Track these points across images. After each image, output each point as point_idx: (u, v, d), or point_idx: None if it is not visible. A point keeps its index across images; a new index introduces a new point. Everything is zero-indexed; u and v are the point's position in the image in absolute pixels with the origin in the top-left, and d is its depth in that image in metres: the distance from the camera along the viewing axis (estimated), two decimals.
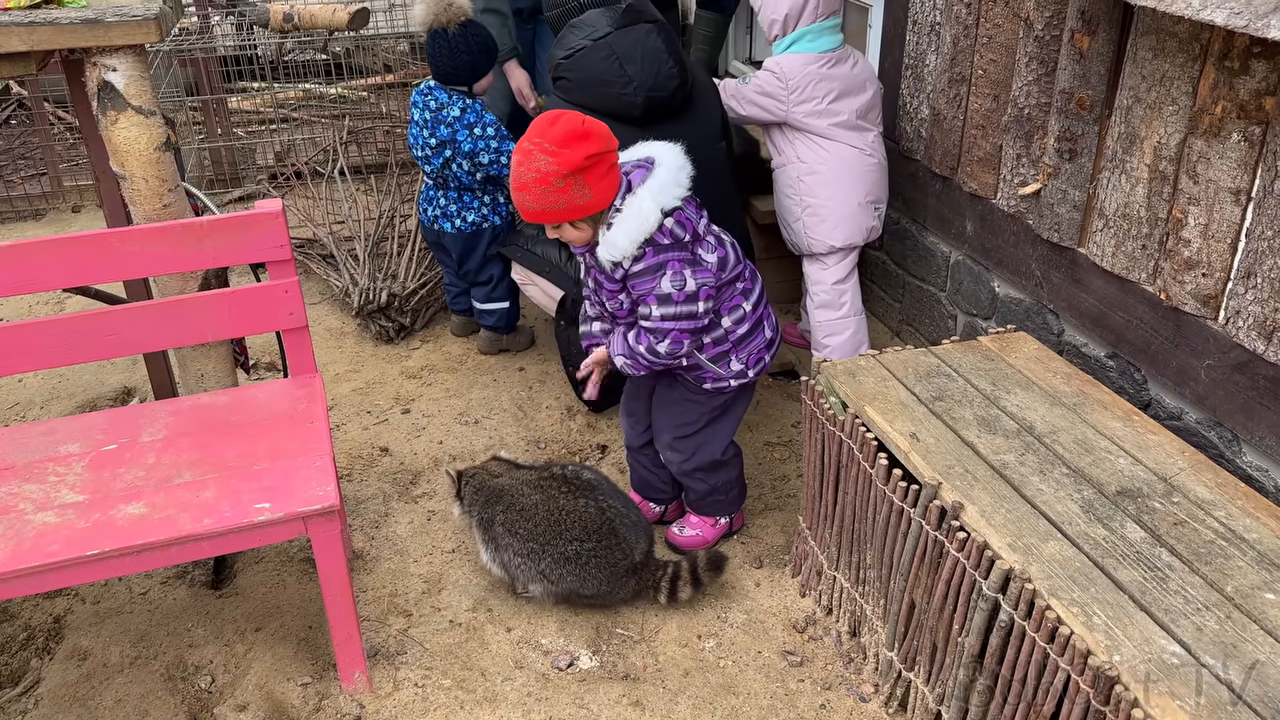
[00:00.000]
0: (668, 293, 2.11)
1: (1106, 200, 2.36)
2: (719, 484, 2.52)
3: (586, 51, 2.55)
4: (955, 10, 2.82)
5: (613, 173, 2.07)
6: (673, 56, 2.58)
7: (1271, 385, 2.01)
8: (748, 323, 2.29)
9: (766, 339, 2.35)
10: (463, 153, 3.13)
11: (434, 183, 3.31)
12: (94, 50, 2.09)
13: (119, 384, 3.41)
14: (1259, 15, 1.59)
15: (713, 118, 2.76)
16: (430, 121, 3.16)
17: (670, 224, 2.10)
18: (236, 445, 2.16)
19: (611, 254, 2.09)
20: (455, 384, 3.39)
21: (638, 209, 2.06)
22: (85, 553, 1.86)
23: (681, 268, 2.11)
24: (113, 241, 2.13)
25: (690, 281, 2.12)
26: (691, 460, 2.45)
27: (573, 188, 2.01)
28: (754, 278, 2.33)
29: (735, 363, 2.30)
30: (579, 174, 2.00)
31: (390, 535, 2.70)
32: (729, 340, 2.28)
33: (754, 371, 2.34)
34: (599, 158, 2.02)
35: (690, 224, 2.14)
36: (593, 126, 2.02)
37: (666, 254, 2.10)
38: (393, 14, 5.24)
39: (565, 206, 2.04)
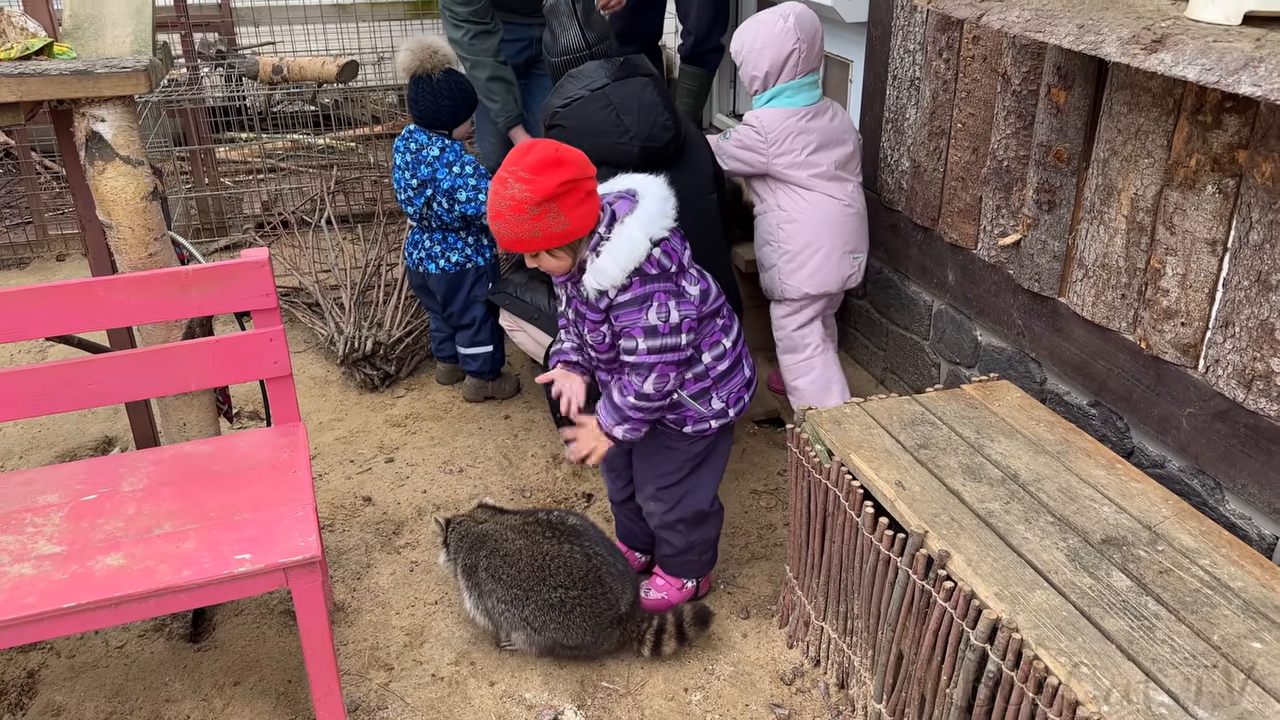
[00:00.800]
0: (653, 325, 2.10)
1: (1085, 250, 2.39)
2: (697, 541, 2.48)
3: (584, 101, 2.59)
4: (934, 66, 2.88)
5: (590, 200, 2.06)
6: (668, 109, 2.63)
7: (1252, 433, 2.03)
8: (728, 359, 2.29)
9: (746, 378, 2.35)
10: (442, 190, 3.17)
11: (418, 225, 3.35)
12: (83, 101, 2.10)
13: (100, 433, 3.38)
14: (1229, 71, 1.63)
15: (704, 168, 2.80)
16: (411, 163, 3.20)
17: (658, 254, 2.10)
18: (218, 495, 2.14)
19: (600, 282, 2.08)
20: (440, 432, 3.38)
21: (628, 238, 2.06)
22: (62, 605, 1.83)
23: (666, 299, 2.11)
24: (97, 290, 2.12)
25: (674, 313, 2.11)
26: (675, 510, 2.42)
27: (547, 215, 2.00)
28: (732, 315, 2.34)
29: (716, 401, 2.29)
30: (553, 201, 1.99)
31: (372, 586, 2.67)
32: (709, 376, 2.27)
33: (734, 411, 2.32)
34: (573, 184, 2.00)
35: (676, 255, 2.15)
36: (567, 154, 2.02)
37: (653, 284, 2.10)
38: (381, 66, 5.31)
39: (540, 234, 2.03)
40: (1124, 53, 1.81)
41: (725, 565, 2.73)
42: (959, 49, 2.77)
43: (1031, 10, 2.06)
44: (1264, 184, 1.90)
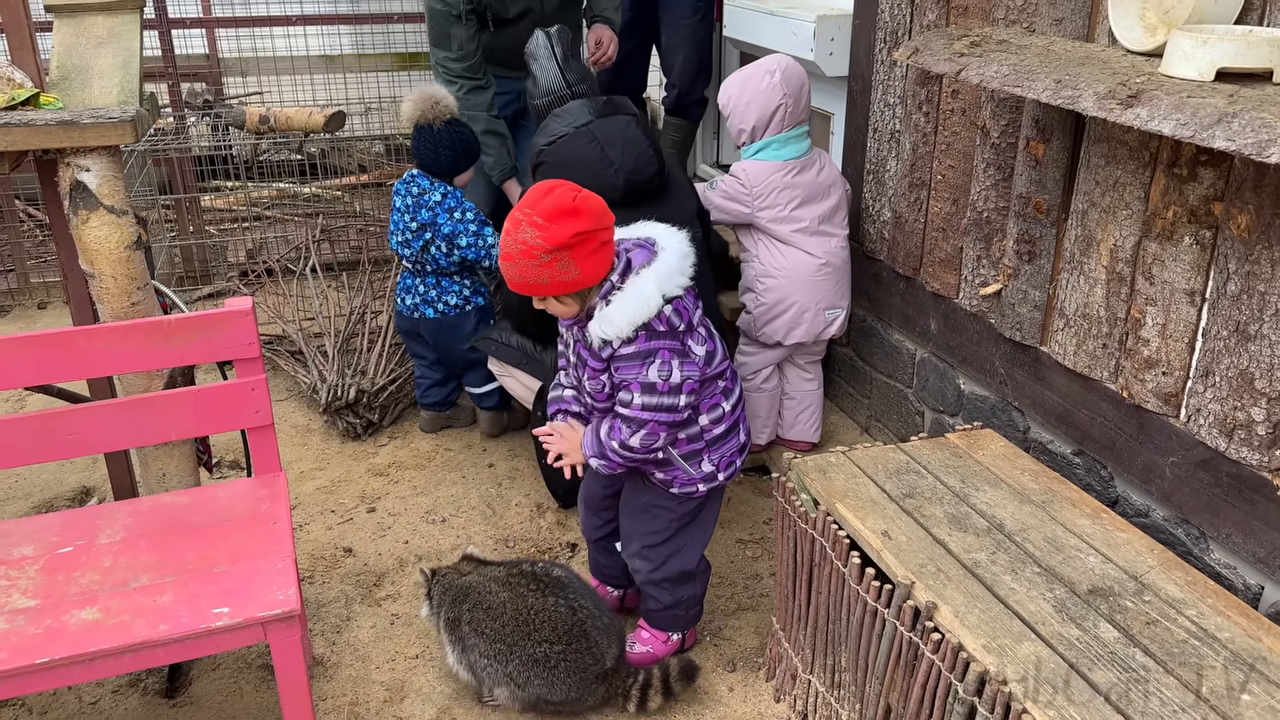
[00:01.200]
0: (653, 382, 2.07)
1: (1066, 300, 2.41)
2: (683, 598, 2.45)
3: (569, 138, 2.62)
4: (914, 119, 2.93)
5: (603, 251, 2.02)
6: (651, 144, 2.66)
7: (1235, 482, 2.04)
8: (725, 423, 2.27)
9: (740, 443, 2.33)
10: (442, 235, 3.21)
11: (413, 270, 3.36)
12: (68, 151, 2.10)
13: (77, 483, 3.34)
14: (1204, 126, 1.66)
15: (688, 206, 2.81)
16: (412, 206, 3.24)
17: (669, 311, 2.07)
18: (196, 547, 2.11)
19: (606, 332, 2.05)
20: (423, 481, 3.35)
21: (640, 290, 2.03)
22: (34, 661, 1.79)
23: (670, 357, 2.08)
24: (78, 339, 2.11)
25: (676, 373, 2.08)
26: (661, 570, 2.38)
27: (557, 263, 1.96)
28: (734, 378, 2.32)
29: (707, 463, 2.27)
30: (564, 250, 1.95)
31: (352, 640, 2.63)
32: (704, 439, 2.25)
33: (724, 475, 2.30)
34: (587, 235, 1.97)
35: (687, 313, 2.13)
36: (584, 203, 1.98)
37: (658, 341, 2.07)
38: (368, 117, 5.34)
39: (549, 281, 1.99)
40: (1101, 107, 1.84)
41: (711, 616, 2.70)
42: (938, 102, 2.82)
43: (1009, 66, 2.10)
44: (1240, 235, 1.92)
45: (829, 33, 3.38)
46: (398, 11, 5.37)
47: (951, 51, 2.30)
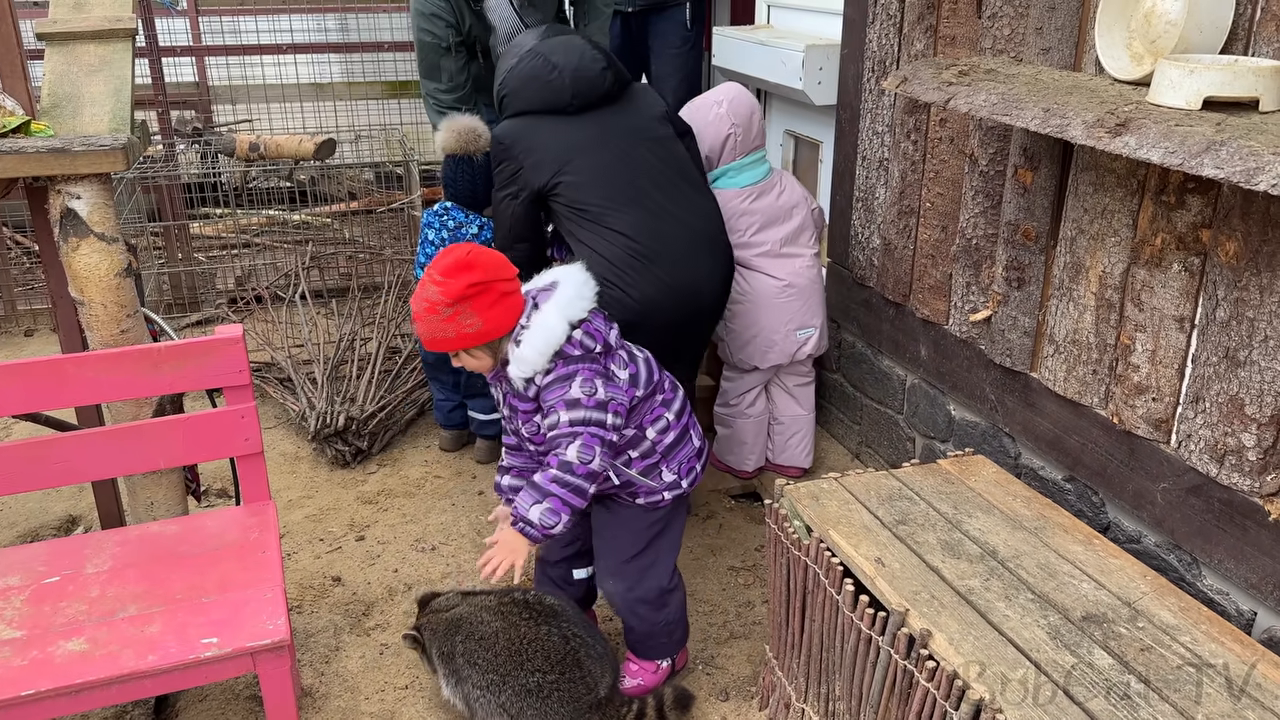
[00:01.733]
0: (577, 397, 2.07)
1: (1056, 326, 2.42)
2: (663, 622, 2.42)
3: (519, 63, 2.69)
4: (903, 147, 2.95)
5: (506, 301, 2.08)
6: (597, 48, 2.71)
7: (1226, 508, 2.04)
8: (673, 430, 2.28)
9: (695, 447, 2.34)
10: None
11: None
12: (59, 178, 2.10)
13: (64, 512, 3.30)
14: (1193, 154, 1.68)
15: (649, 111, 2.78)
16: (449, 240, 3.25)
17: (579, 335, 2.11)
18: (185, 576, 2.09)
19: (522, 370, 2.09)
20: (412, 509, 3.33)
21: (543, 322, 2.08)
22: (20, 693, 1.77)
23: (593, 376, 2.10)
24: (67, 367, 2.10)
25: (601, 390, 2.10)
26: (636, 589, 2.36)
27: (460, 316, 2.04)
28: (675, 388, 2.33)
29: (667, 473, 2.28)
30: (463, 302, 2.03)
31: (341, 670, 2.60)
32: (657, 451, 2.26)
33: (686, 482, 2.31)
34: (484, 286, 2.04)
35: (600, 335, 2.15)
36: (478, 257, 2.06)
37: (576, 364, 2.10)
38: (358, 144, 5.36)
39: (456, 335, 2.07)
40: (1089, 136, 1.86)
41: (703, 645, 2.69)
42: (927, 131, 2.84)
43: (998, 95, 2.12)
44: (1228, 262, 1.94)
45: (817, 62, 3.41)
46: (387, 40, 5.40)
47: (940, 81, 2.32)
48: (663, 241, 2.62)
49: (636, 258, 2.57)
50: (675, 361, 2.64)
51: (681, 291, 2.63)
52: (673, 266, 2.61)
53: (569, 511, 2.07)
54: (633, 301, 2.56)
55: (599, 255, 2.56)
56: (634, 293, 2.56)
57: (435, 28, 3.39)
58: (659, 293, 2.59)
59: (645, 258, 2.58)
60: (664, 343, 2.55)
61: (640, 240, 2.58)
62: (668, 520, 2.36)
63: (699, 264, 2.69)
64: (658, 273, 2.59)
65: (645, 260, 2.58)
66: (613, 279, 2.54)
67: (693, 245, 2.67)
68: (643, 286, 2.57)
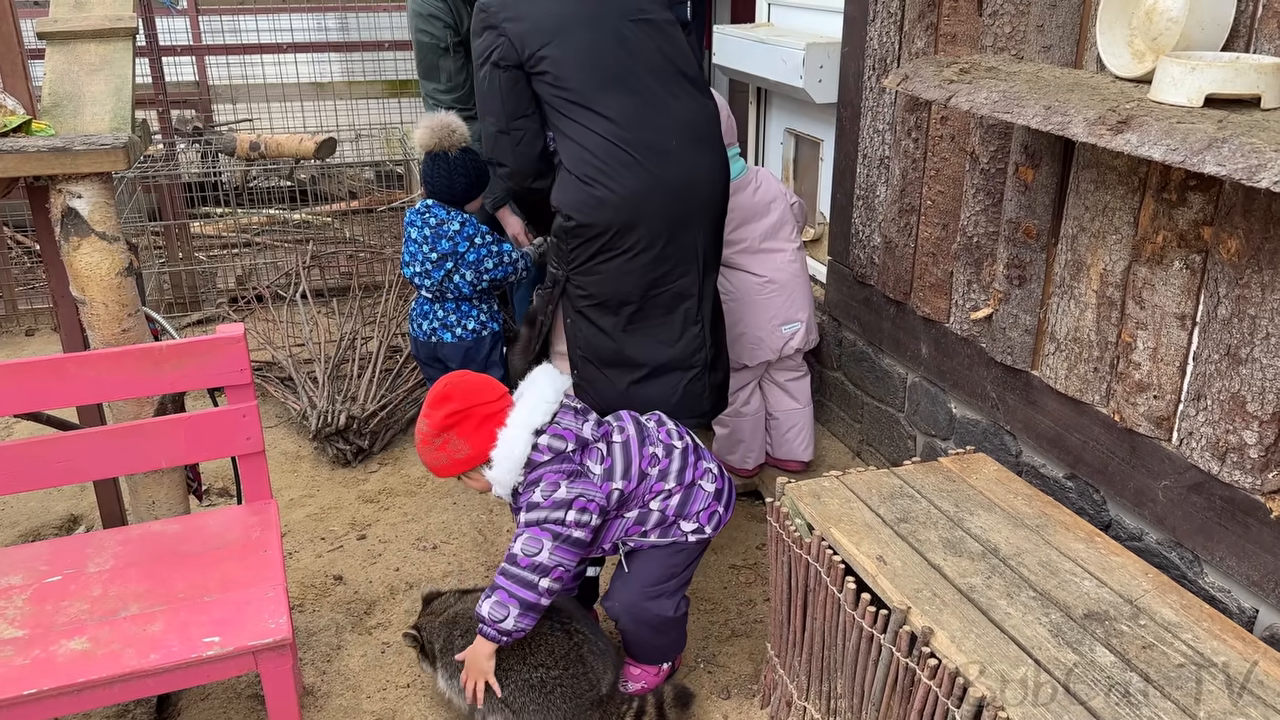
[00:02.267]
0: (536, 501, 2.13)
1: (1057, 324, 2.42)
2: (663, 643, 2.42)
3: None
4: (903, 145, 2.95)
5: (489, 423, 2.15)
6: None
7: (1227, 506, 2.04)
8: (677, 494, 2.27)
9: (709, 493, 2.31)
10: (467, 263, 3.22)
11: (431, 297, 3.34)
12: (60, 177, 2.10)
13: (65, 511, 3.31)
14: (1194, 151, 1.68)
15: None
16: (430, 237, 3.23)
17: (545, 440, 2.16)
18: (187, 575, 2.09)
19: (501, 491, 2.18)
20: (413, 508, 3.33)
21: (506, 439, 2.14)
22: (22, 693, 1.77)
23: (557, 479, 2.14)
24: (68, 366, 2.10)
25: (563, 490, 2.13)
26: (642, 615, 2.33)
27: (448, 444, 2.15)
28: (669, 454, 2.29)
29: (686, 524, 2.28)
30: (447, 431, 2.14)
31: (343, 669, 2.60)
32: (669, 518, 2.27)
33: (710, 528, 2.30)
34: (463, 414, 2.14)
35: (570, 433, 2.19)
36: (455, 388, 2.16)
37: (544, 469, 2.15)
38: (358, 143, 5.36)
39: (448, 461, 2.18)
40: (1091, 133, 1.86)
41: (705, 643, 2.69)
42: (927, 129, 2.84)
43: (999, 92, 2.12)
44: (1229, 259, 1.94)
45: (818, 60, 3.41)
46: (388, 39, 5.40)
47: (941, 79, 2.32)
48: (655, 132, 2.47)
49: (623, 148, 2.43)
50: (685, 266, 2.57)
51: (675, 189, 2.49)
52: (663, 160, 2.47)
53: (518, 605, 2.11)
54: (618, 199, 2.44)
55: (581, 148, 2.44)
56: (619, 189, 2.43)
57: (433, 28, 3.39)
58: (649, 188, 2.45)
59: (633, 148, 2.44)
60: (663, 246, 2.50)
61: (629, 129, 2.44)
62: (687, 562, 2.35)
63: (696, 161, 2.54)
64: (648, 166, 2.45)
65: (633, 151, 2.44)
66: (595, 176, 2.43)
67: (689, 140, 2.52)
68: (628, 182, 2.43)
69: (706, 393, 2.70)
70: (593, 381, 2.66)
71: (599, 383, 2.64)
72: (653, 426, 2.33)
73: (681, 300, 2.60)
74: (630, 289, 2.55)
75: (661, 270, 2.55)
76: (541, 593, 2.12)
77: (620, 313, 2.57)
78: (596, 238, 2.49)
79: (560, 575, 2.14)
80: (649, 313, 2.59)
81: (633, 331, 2.59)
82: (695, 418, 2.70)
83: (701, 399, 2.69)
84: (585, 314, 2.60)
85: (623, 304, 2.57)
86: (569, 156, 2.43)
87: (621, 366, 2.62)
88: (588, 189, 2.43)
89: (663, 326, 2.61)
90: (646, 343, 2.61)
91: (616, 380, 2.63)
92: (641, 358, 2.60)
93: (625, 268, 2.52)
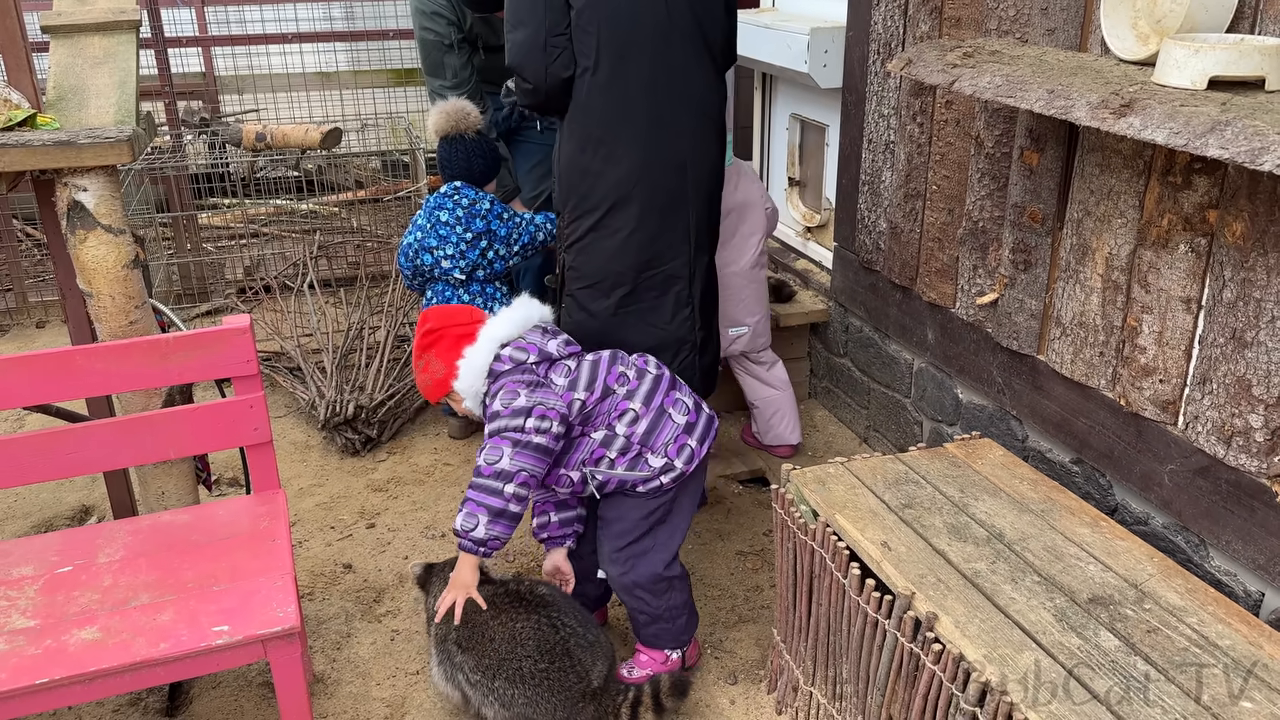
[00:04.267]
0: (496, 410, 2.17)
1: (1063, 309, 2.42)
2: (664, 609, 2.39)
3: None
4: (909, 130, 2.94)
5: (461, 343, 2.25)
6: None
7: (1234, 489, 2.04)
8: (645, 418, 2.26)
9: (679, 424, 2.29)
10: (499, 238, 3.28)
11: (463, 278, 3.30)
12: (65, 171, 2.11)
13: (76, 502, 3.33)
14: (1197, 134, 1.67)
15: None
16: (465, 218, 3.24)
17: (507, 351, 2.22)
18: (196, 565, 2.11)
19: (469, 398, 2.24)
20: (422, 496, 3.35)
21: (470, 350, 2.23)
22: (34, 682, 1.78)
23: (515, 386, 2.18)
24: (77, 359, 2.11)
25: (522, 398, 2.16)
26: (631, 573, 2.34)
27: (429, 365, 2.27)
28: (641, 375, 2.31)
29: (654, 459, 2.26)
30: (427, 352, 2.27)
31: (352, 657, 2.62)
32: (634, 444, 2.26)
33: (681, 462, 2.27)
34: (438, 333, 2.27)
35: (533, 347, 2.24)
36: (432, 312, 2.32)
37: (505, 378, 2.20)
38: (364, 133, 5.36)
39: (432, 382, 2.29)
40: (1094, 117, 1.85)
41: (712, 629, 2.70)
42: (932, 113, 2.83)
43: (1002, 76, 2.11)
44: (1235, 243, 1.93)
45: (823, 45, 3.40)
46: (393, 28, 5.39)
47: (945, 63, 2.31)
48: (667, 105, 2.49)
49: (628, 118, 2.46)
50: (678, 247, 2.59)
51: (675, 165, 2.52)
52: (666, 134, 2.49)
53: (485, 512, 2.13)
54: (620, 171, 2.47)
55: (586, 110, 2.46)
56: (620, 159, 2.46)
57: (437, 26, 3.40)
58: (647, 161, 2.48)
59: (639, 119, 2.46)
60: (658, 224, 2.53)
61: (644, 95, 2.45)
62: (670, 507, 2.34)
63: (699, 138, 2.57)
64: (651, 139, 2.48)
65: (638, 122, 2.46)
66: (598, 141, 2.46)
67: (698, 116, 2.55)
68: (630, 153, 2.47)
69: (696, 375, 2.72)
70: None
71: None
72: (633, 358, 2.36)
73: (674, 282, 2.62)
74: (623, 269, 2.57)
75: (655, 250, 2.57)
76: (508, 499, 2.12)
77: (612, 295, 2.60)
78: (592, 211, 2.54)
79: (525, 480, 2.13)
80: (641, 295, 2.61)
81: (623, 315, 2.62)
82: None
83: (691, 381, 2.69)
84: (576, 298, 2.64)
85: (615, 286, 2.59)
86: (575, 116, 2.43)
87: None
88: (583, 157, 2.45)
89: (654, 309, 2.64)
90: (637, 325, 2.63)
91: None
92: (631, 340, 2.61)
93: (621, 245, 2.55)
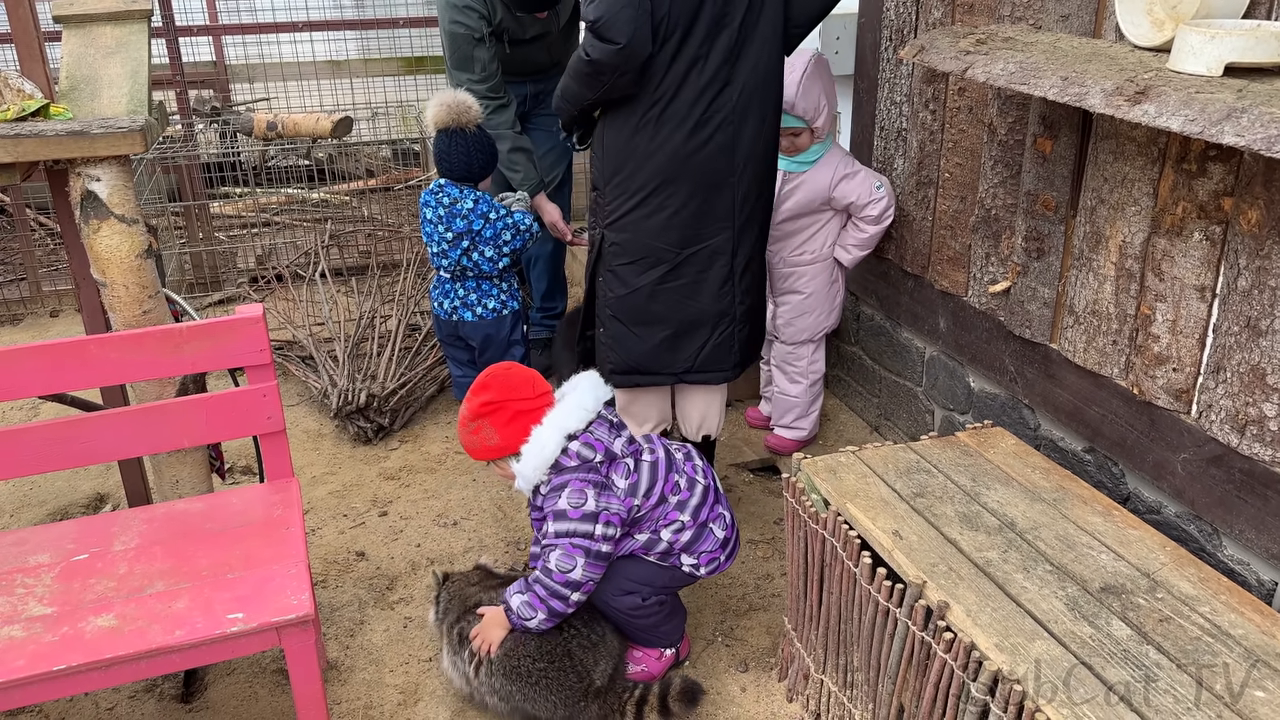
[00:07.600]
0: (563, 509, 2.16)
1: (1076, 297, 2.41)
2: (645, 626, 2.39)
3: None
4: (921, 117, 2.92)
5: (521, 419, 2.19)
6: None
7: (1247, 478, 2.03)
8: (689, 529, 2.29)
9: (718, 539, 2.33)
10: (484, 239, 3.26)
11: (451, 275, 3.36)
12: (78, 160, 2.12)
13: (91, 490, 3.36)
14: (1213, 122, 1.65)
15: None
16: (445, 217, 3.26)
17: (575, 447, 2.18)
18: (210, 553, 2.12)
19: (522, 484, 2.22)
20: (434, 485, 3.36)
21: (539, 438, 2.18)
22: (52, 668, 1.80)
23: (583, 486, 2.17)
24: (91, 348, 2.12)
25: (591, 501, 2.16)
26: (612, 603, 2.33)
27: (480, 431, 2.22)
28: (691, 487, 2.31)
29: (686, 559, 2.31)
30: (480, 420, 2.21)
31: (365, 644, 2.64)
32: (675, 550, 2.29)
33: (705, 570, 2.33)
34: (496, 406, 2.20)
35: (601, 445, 2.21)
36: (494, 379, 2.22)
37: (570, 475, 2.18)
38: (375, 121, 5.36)
39: (479, 446, 2.24)
40: (1108, 104, 1.84)
41: (723, 617, 2.71)
42: (945, 100, 2.81)
43: (1016, 63, 2.09)
44: (1250, 231, 1.92)
45: (834, 31, 3.38)
46: (403, 16, 5.38)
47: (957, 49, 2.30)
48: (722, 88, 2.43)
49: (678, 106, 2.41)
50: (722, 223, 2.55)
51: (723, 146, 2.48)
52: (716, 117, 2.44)
53: (545, 610, 2.19)
54: (662, 156, 2.45)
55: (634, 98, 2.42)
56: (662, 144, 2.44)
57: (468, 19, 3.38)
58: (692, 145, 2.45)
59: (690, 106, 2.41)
60: (701, 203, 2.50)
61: (695, 83, 2.40)
62: (672, 582, 2.35)
63: (752, 117, 2.50)
64: (700, 123, 2.43)
65: (689, 107, 2.41)
66: (640, 127, 2.43)
67: (755, 89, 2.48)
68: (674, 136, 2.44)
69: (735, 346, 2.69)
70: (620, 339, 2.67)
71: (627, 340, 2.66)
72: (680, 458, 2.35)
73: (717, 258, 2.58)
74: (667, 245, 2.55)
75: (698, 227, 2.54)
76: (571, 605, 2.20)
77: (654, 270, 2.57)
78: (638, 190, 2.51)
79: (589, 589, 2.21)
80: (683, 271, 2.58)
81: (664, 290, 2.59)
82: (721, 372, 2.71)
83: (730, 353, 2.68)
84: (617, 272, 2.61)
85: (659, 262, 2.56)
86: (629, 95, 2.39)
87: (650, 324, 2.63)
88: (635, 138, 2.42)
89: (696, 284, 2.61)
90: (677, 300, 2.60)
91: (646, 337, 2.65)
92: (671, 314, 2.60)
93: (665, 222, 2.52)
